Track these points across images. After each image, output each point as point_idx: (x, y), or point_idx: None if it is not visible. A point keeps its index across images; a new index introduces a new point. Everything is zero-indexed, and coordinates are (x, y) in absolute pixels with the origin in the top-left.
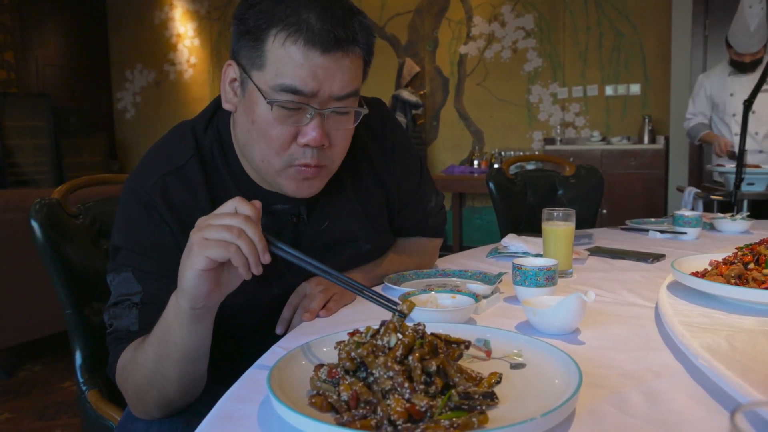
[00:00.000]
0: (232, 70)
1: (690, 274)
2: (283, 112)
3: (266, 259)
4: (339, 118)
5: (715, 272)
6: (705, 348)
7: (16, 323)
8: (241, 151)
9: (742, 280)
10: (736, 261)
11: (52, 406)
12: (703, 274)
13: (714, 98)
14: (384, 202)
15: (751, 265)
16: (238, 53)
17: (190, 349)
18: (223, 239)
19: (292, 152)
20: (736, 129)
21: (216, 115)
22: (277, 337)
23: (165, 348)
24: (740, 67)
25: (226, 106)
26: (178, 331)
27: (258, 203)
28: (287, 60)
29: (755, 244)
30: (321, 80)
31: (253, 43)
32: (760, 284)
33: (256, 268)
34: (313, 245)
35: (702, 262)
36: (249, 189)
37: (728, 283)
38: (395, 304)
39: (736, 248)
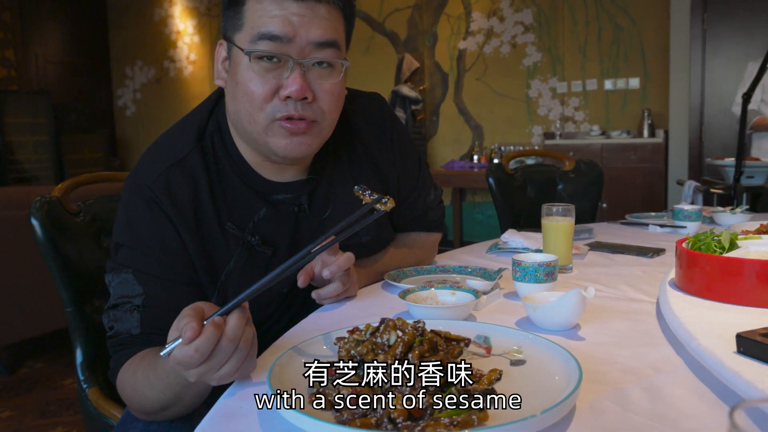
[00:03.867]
0: (223, 49)
1: None
2: (263, 65)
3: (246, 325)
4: (321, 72)
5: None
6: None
7: (17, 320)
8: (235, 130)
9: None
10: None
11: (53, 404)
12: None
13: (764, 81)
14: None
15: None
16: (224, 28)
17: (206, 389)
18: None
19: (275, 104)
20: None
21: (217, 107)
22: (278, 334)
23: (179, 396)
24: None
25: (217, 82)
26: (196, 387)
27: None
28: (262, 12)
29: None
30: (296, 26)
31: (234, 9)
32: None
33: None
34: (312, 236)
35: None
36: (249, 177)
37: None
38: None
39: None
